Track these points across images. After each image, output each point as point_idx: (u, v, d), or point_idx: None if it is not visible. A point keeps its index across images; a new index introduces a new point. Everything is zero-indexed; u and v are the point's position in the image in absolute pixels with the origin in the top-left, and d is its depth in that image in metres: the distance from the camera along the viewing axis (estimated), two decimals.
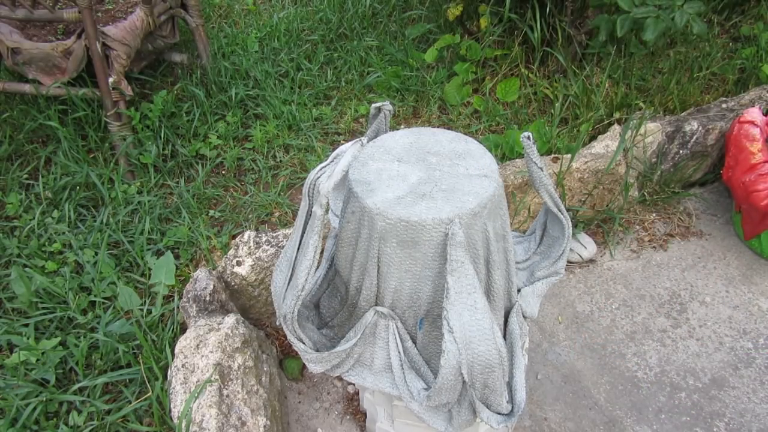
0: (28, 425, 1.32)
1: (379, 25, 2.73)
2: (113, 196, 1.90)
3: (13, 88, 2.05)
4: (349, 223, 0.90)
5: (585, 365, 1.58)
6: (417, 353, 0.96)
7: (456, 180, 0.88)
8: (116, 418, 1.34)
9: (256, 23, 2.78)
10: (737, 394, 1.51)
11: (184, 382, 1.19)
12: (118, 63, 1.92)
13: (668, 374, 1.56)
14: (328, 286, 1.06)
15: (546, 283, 1.07)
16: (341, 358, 0.96)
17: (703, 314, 1.70)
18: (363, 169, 0.91)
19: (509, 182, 1.73)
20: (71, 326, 1.54)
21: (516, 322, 1.02)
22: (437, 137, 0.97)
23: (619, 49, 2.25)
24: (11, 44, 1.94)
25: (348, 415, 1.46)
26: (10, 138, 2.09)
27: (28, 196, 1.91)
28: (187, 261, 1.72)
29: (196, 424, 1.12)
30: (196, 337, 1.26)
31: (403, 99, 2.35)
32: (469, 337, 0.85)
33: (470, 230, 0.85)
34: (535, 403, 1.50)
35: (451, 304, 0.84)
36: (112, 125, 1.97)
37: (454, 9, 2.34)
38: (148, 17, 2.07)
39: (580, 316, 1.70)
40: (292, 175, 2.04)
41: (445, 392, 0.90)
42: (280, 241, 1.50)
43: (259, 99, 2.32)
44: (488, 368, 0.88)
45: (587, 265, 1.84)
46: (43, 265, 1.68)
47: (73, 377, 1.44)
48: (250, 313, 1.56)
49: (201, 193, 1.96)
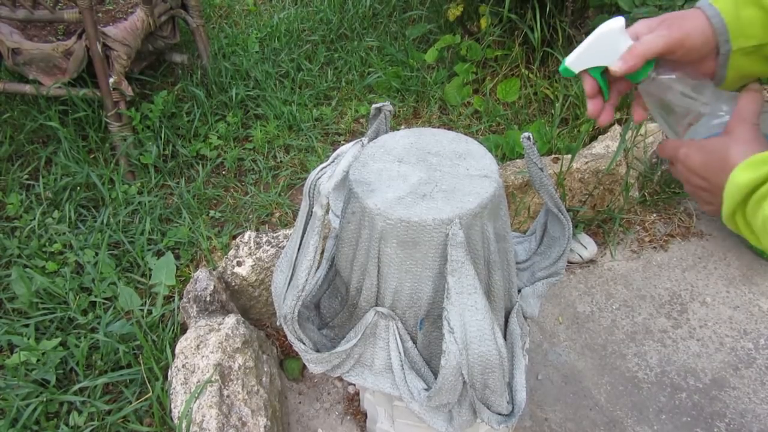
0: (29, 425, 1.32)
1: (380, 26, 2.73)
2: (114, 196, 1.90)
3: (14, 89, 2.05)
4: (350, 223, 0.90)
5: (585, 366, 1.58)
6: (417, 353, 0.96)
7: (456, 180, 0.88)
8: (117, 419, 1.34)
9: (257, 24, 2.78)
10: (738, 394, 1.51)
11: (184, 383, 1.19)
12: (119, 63, 1.92)
13: (669, 375, 1.56)
14: (329, 286, 1.06)
15: (546, 284, 1.07)
16: (341, 358, 0.96)
17: (703, 315, 1.70)
18: (363, 170, 0.91)
19: (509, 182, 1.73)
20: (72, 326, 1.54)
21: (516, 323, 1.02)
22: (438, 137, 0.97)
23: None
24: (12, 45, 1.94)
25: (348, 415, 1.46)
26: (11, 138, 2.09)
27: (29, 196, 1.91)
28: (187, 261, 1.72)
29: (196, 425, 1.11)
30: (197, 338, 1.26)
31: (403, 99, 2.35)
32: (469, 338, 0.85)
33: (470, 230, 0.85)
34: (536, 404, 1.50)
35: (451, 304, 0.84)
36: (112, 125, 1.97)
37: (454, 9, 2.34)
38: (149, 18, 2.07)
39: (580, 316, 1.70)
40: (293, 176, 2.04)
41: (445, 393, 0.90)
42: (281, 242, 1.50)
43: (259, 99, 2.32)
44: (489, 369, 0.88)
45: (588, 265, 1.84)
46: (44, 266, 1.68)
47: (73, 377, 1.44)
48: (251, 313, 1.56)
49: (201, 193, 1.96)
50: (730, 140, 0.63)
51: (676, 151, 0.70)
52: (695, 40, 0.69)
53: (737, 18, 0.67)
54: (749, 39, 0.68)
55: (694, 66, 0.72)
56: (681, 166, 0.69)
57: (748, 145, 0.61)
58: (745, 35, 0.68)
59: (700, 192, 0.68)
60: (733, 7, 0.67)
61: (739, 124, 0.64)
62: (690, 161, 0.67)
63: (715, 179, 0.63)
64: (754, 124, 0.64)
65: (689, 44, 0.69)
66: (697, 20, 0.69)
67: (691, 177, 0.68)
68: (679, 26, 0.69)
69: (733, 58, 0.70)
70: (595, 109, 0.77)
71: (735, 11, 0.67)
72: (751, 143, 0.61)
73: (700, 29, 0.69)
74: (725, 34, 0.68)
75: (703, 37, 0.69)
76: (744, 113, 0.65)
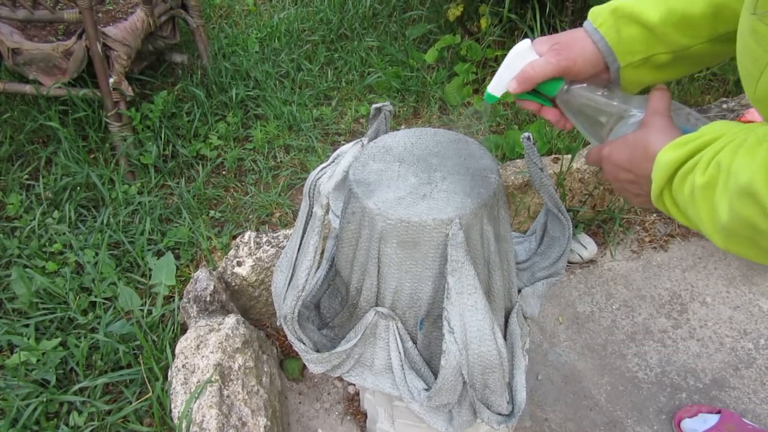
0: (29, 426, 1.32)
1: (380, 26, 2.73)
2: (114, 196, 1.90)
3: (14, 89, 2.05)
4: (350, 223, 0.90)
5: (585, 366, 1.58)
6: (417, 354, 0.96)
7: (456, 180, 0.88)
8: (117, 419, 1.34)
9: (257, 24, 2.78)
10: (738, 394, 1.51)
11: (184, 383, 1.19)
12: (119, 63, 1.92)
13: (669, 375, 1.56)
14: (329, 286, 1.06)
15: (546, 284, 1.07)
16: (342, 358, 0.96)
17: (703, 315, 1.70)
18: (363, 170, 0.91)
19: (509, 182, 1.73)
20: (72, 327, 1.54)
21: (516, 323, 1.02)
22: (438, 138, 0.97)
23: None
24: (12, 45, 1.94)
25: (348, 415, 1.46)
26: (11, 138, 2.09)
27: (29, 196, 1.91)
28: (187, 261, 1.72)
29: (196, 425, 1.11)
30: (197, 338, 1.26)
31: (403, 99, 2.35)
32: (469, 338, 0.85)
33: (470, 231, 0.85)
34: (536, 404, 1.50)
35: (451, 304, 0.84)
36: (112, 126, 1.97)
37: (454, 9, 2.34)
38: (149, 18, 2.07)
39: (580, 316, 1.70)
40: (293, 176, 2.04)
41: (445, 393, 0.90)
42: (281, 242, 1.50)
43: (259, 99, 2.32)
44: (489, 369, 0.88)
45: (588, 265, 1.84)
46: (44, 266, 1.68)
47: (73, 378, 1.44)
48: (251, 313, 1.56)
49: (201, 193, 1.96)
50: (649, 131, 0.67)
51: (601, 152, 0.73)
52: (582, 65, 0.75)
53: (620, 39, 0.73)
54: (634, 55, 0.74)
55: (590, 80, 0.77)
56: (606, 164, 0.73)
57: (665, 133, 0.65)
58: (630, 52, 0.74)
59: (628, 185, 0.71)
60: (614, 30, 0.73)
61: (654, 117, 0.68)
62: (614, 157, 0.70)
63: (640, 170, 0.67)
64: (668, 116, 0.68)
65: (577, 69, 0.75)
66: (585, 46, 0.75)
67: (618, 173, 0.71)
68: (566, 54, 0.75)
69: (623, 72, 0.76)
70: (554, 119, 0.82)
71: (617, 33, 0.73)
72: (668, 131, 0.65)
73: (588, 54, 0.75)
74: (612, 55, 0.74)
75: (591, 60, 0.75)
76: (657, 107, 0.69)
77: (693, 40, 0.72)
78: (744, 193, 0.52)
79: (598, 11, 0.75)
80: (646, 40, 0.72)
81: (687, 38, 0.71)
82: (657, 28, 0.71)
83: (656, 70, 0.76)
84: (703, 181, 0.56)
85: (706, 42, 0.72)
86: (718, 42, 0.72)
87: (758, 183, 0.50)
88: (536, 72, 0.75)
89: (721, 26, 0.70)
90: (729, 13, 0.69)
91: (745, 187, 0.52)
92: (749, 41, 0.55)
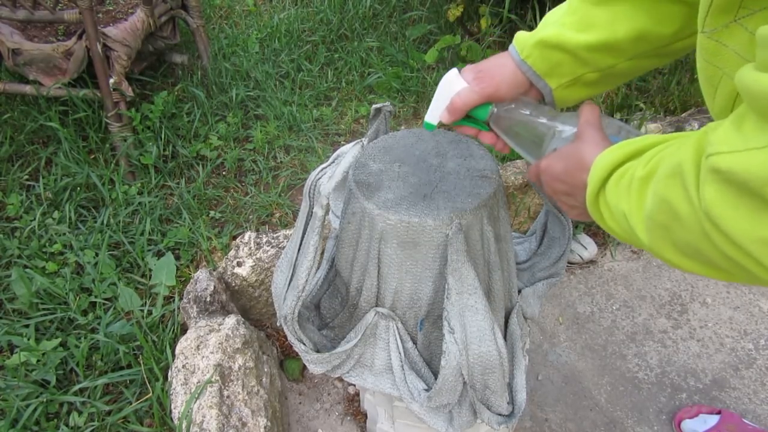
0: (29, 426, 1.32)
1: (380, 26, 2.73)
2: (114, 196, 1.90)
3: (14, 89, 2.05)
4: (350, 224, 0.90)
5: (586, 366, 1.58)
6: (417, 354, 0.96)
7: (456, 181, 0.88)
8: (117, 419, 1.34)
9: (257, 24, 2.78)
10: (738, 395, 1.51)
11: (184, 383, 1.19)
12: (119, 64, 1.92)
13: (669, 375, 1.56)
14: (329, 286, 1.06)
15: (546, 284, 1.07)
16: (342, 359, 0.96)
17: (703, 315, 1.70)
18: (363, 170, 0.91)
19: (509, 183, 1.73)
20: (72, 327, 1.54)
21: (517, 323, 1.02)
22: (438, 138, 0.97)
23: None
24: (12, 45, 1.94)
25: (348, 416, 1.46)
26: (11, 139, 2.09)
27: (29, 196, 1.91)
28: (187, 262, 1.72)
29: (196, 425, 1.11)
30: (197, 338, 1.26)
31: (403, 100, 2.35)
32: (469, 338, 0.85)
33: (470, 231, 0.85)
34: (536, 404, 1.50)
35: (451, 304, 0.84)
36: (112, 126, 1.97)
37: (454, 10, 2.34)
38: (149, 18, 2.07)
39: (580, 316, 1.70)
40: (293, 176, 2.04)
41: (445, 393, 0.90)
42: (281, 242, 1.50)
43: (259, 100, 2.32)
44: (489, 369, 0.88)
45: (588, 265, 1.84)
46: (44, 266, 1.68)
47: (73, 378, 1.44)
48: (251, 313, 1.56)
49: (201, 193, 1.96)
50: (582, 143, 0.68)
51: (539, 167, 0.74)
52: (507, 89, 0.78)
53: (549, 67, 0.76)
54: (563, 77, 0.76)
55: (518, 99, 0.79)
56: (544, 176, 0.74)
57: (599, 145, 0.66)
58: (559, 75, 0.76)
59: (564, 197, 0.72)
60: (541, 60, 0.76)
61: (587, 129, 0.69)
62: (551, 169, 0.72)
63: (575, 180, 0.68)
64: (600, 128, 0.69)
65: (502, 94, 0.78)
66: (506, 72, 0.78)
67: (555, 184, 0.72)
68: (489, 81, 0.78)
69: (556, 93, 0.78)
70: (492, 142, 0.84)
71: (544, 62, 0.76)
72: (601, 142, 0.67)
73: (509, 78, 0.78)
74: (541, 80, 0.77)
75: (514, 83, 0.78)
76: (589, 119, 0.70)
77: (618, 59, 0.74)
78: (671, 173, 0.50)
79: (524, 43, 0.77)
80: (573, 63, 0.75)
81: (612, 59, 0.74)
82: (581, 53, 0.73)
83: (587, 86, 0.78)
84: (644, 173, 0.55)
85: (631, 59, 0.74)
86: (643, 58, 0.74)
87: (687, 164, 0.48)
88: (463, 101, 0.78)
89: (643, 47, 0.72)
90: (652, 37, 0.71)
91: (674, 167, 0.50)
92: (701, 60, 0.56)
